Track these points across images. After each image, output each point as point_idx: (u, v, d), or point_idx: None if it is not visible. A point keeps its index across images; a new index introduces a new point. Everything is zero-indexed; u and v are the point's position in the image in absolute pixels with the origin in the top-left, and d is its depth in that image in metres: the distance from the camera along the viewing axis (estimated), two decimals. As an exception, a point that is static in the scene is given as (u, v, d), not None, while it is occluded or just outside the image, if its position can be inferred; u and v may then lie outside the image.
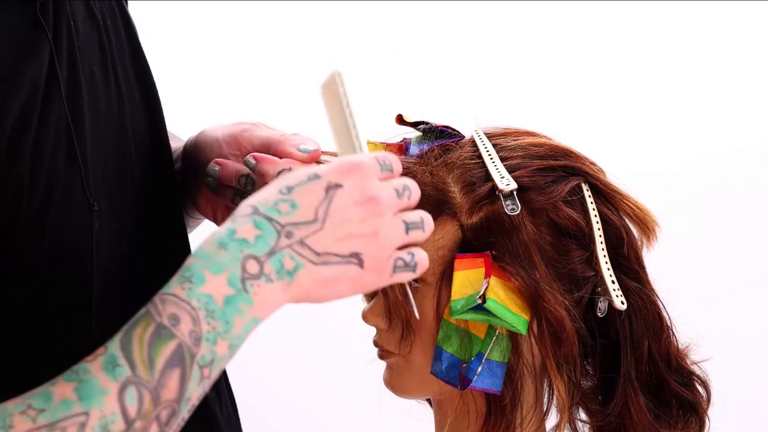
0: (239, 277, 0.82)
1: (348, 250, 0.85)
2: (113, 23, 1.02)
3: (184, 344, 0.80)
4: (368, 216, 0.85)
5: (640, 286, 1.05)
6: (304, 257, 0.84)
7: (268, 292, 0.83)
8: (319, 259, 0.84)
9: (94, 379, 0.79)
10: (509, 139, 1.06)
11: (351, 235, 0.85)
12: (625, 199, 1.06)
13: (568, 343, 0.99)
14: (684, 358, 1.07)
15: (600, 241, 1.03)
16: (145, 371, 0.79)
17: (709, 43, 2.12)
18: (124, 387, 0.79)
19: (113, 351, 0.80)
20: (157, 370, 0.80)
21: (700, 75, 2.12)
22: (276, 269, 0.83)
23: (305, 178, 0.86)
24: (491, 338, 0.99)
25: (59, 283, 0.91)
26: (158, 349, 0.80)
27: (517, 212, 0.99)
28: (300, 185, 0.86)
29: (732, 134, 2.12)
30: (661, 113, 2.12)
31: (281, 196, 0.85)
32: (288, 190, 0.85)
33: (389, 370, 1.07)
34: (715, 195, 2.09)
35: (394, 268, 0.87)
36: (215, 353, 0.81)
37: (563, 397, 1.00)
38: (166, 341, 0.80)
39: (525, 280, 0.98)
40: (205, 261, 0.83)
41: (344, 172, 0.86)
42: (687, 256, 1.95)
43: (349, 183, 0.86)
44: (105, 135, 0.96)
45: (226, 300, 0.82)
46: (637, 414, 1.02)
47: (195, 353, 0.80)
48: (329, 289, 0.86)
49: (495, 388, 0.99)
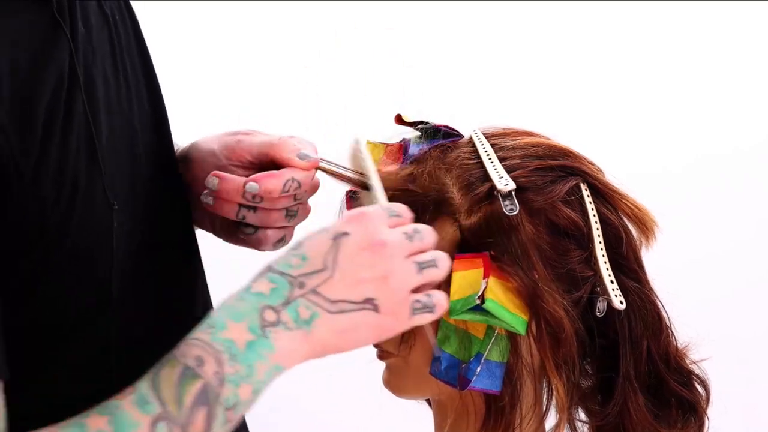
0: (258, 324, 0.86)
1: (361, 296, 0.88)
2: (122, 21, 1.02)
3: (209, 384, 0.83)
4: (377, 260, 0.89)
5: (639, 285, 1.05)
6: (318, 306, 0.87)
7: (288, 339, 0.86)
8: (334, 306, 0.88)
9: (127, 413, 0.82)
10: (507, 139, 1.06)
11: (362, 280, 0.88)
12: (623, 199, 1.06)
13: (567, 344, 0.99)
14: (683, 358, 1.07)
15: (599, 241, 1.03)
16: (174, 408, 0.82)
17: (709, 43, 2.12)
18: (155, 421, 0.82)
19: (143, 390, 0.83)
20: (186, 407, 0.83)
21: (700, 75, 2.12)
22: (293, 318, 0.87)
23: (314, 233, 0.90)
24: (490, 338, 0.99)
25: (82, 281, 0.92)
26: (185, 388, 0.83)
27: (516, 212, 0.99)
28: (309, 239, 0.90)
29: (732, 134, 2.12)
30: (661, 113, 2.12)
31: (292, 252, 0.89)
32: (298, 245, 0.89)
33: (388, 370, 1.07)
34: (715, 195, 2.09)
35: (413, 311, 0.90)
36: (238, 396, 0.84)
37: (562, 397, 1.00)
38: (192, 381, 0.83)
39: (523, 281, 0.98)
40: (225, 311, 0.87)
41: (350, 220, 0.90)
42: (686, 256, 1.95)
43: (356, 230, 0.89)
44: (118, 135, 0.97)
45: (248, 345, 0.85)
46: (637, 413, 1.02)
47: (219, 393, 0.84)
48: (349, 337, 0.89)
49: (494, 389, 0.99)
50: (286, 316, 0.86)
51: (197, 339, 0.85)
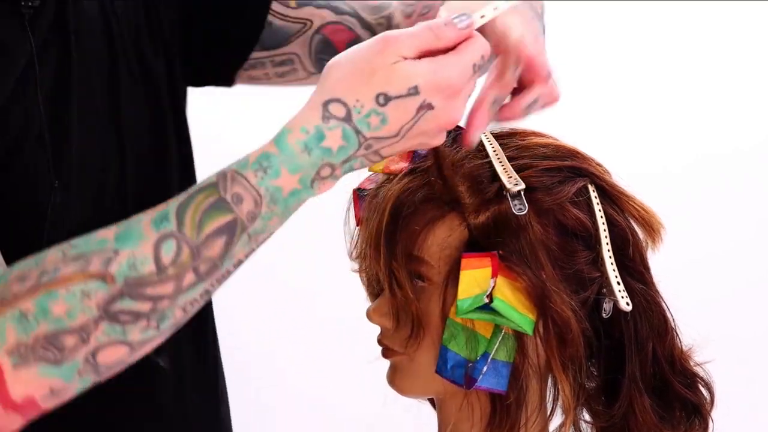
0: (311, 178, 0.86)
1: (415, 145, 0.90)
2: (128, 20, 1.05)
3: (239, 220, 0.84)
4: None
5: (645, 287, 1.04)
6: (370, 160, 0.89)
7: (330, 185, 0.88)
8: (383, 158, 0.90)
9: (138, 227, 0.83)
10: (516, 138, 1.06)
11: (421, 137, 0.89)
12: (630, 201, 1.06)
13: (574, 344, 0.99)
14: (687, 360, 1.07)
15: (606, 243, 1.03)
16: (191, 231, 0.83)
17: (710, 43, 2.12)
18: (163, 238, 0.83)
19: (169, 208, 0.84)
20: (204, 234, 0.84)
21: (701, 75, 2.12)
22: (344, 171, 0.88)
23: (404, 91, 0.86)
24: (497, 338, 0.99)
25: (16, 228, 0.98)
26: (212, 216, 0.84)
27: (525, 212, 0.99)
28: (397, 98, 0.86)
29: (732, 134, 2.12)
30: (661, 113, 2.12)
31: (376, 107, 0.86)
32: (385, 101, 0.86)
33: (393, 368, 1.07)
34: (715, 195, 2.09)
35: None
36: (266, 226, 0.86)
37: (569, 397, 1.00)
38: (223, 213, 0.84)
39: (532, 280, 0.98)
40: (285, 157, 0.85)
41: (439, 90, 0.87)
42: (687, 257, 1.95)
43: (442, 106, 0.88)
44: (95, 132, 1.03)
45: (292, 192, 0.86)
46: (642, 415, 1.02)
47: (247, 227, 0.84)
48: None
49: (500, 388, 0.99)
50: (340, 171, 0.87)
51: (244, 178, 0.85)
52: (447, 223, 1.00)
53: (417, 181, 1.02)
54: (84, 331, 0.81)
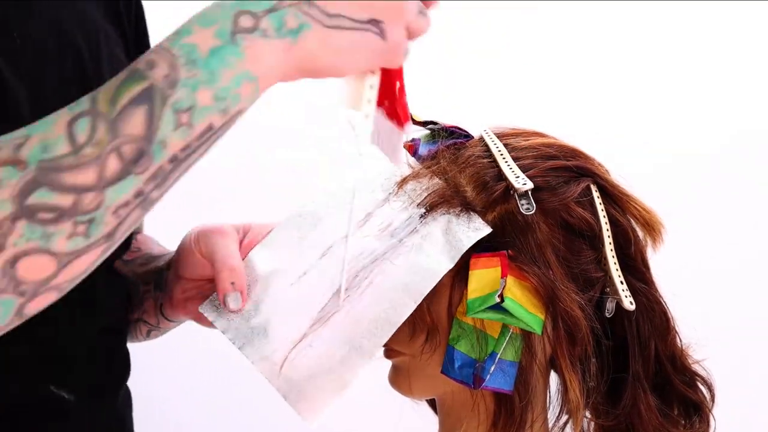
0: (229, 30, 0.77)
1: (367, 16, 0.79)
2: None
3: (155, 86, 0.75)
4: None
5: (646, 286, 1.05)
6: (311, 17, 0.78)
7: (264, 47, 0.77)
8: (331, 20, 0.79)
9: (53, 115, 0.75)
10: (519, 139, 1.06)
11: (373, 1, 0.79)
12: (631, 201, 1.07)
13: (583, 342, 0.99)
14: (687, 358, 1.08)
15: (609, 242, 1.03)
16: (106, 106, 0.74)
17: (710, 43, 2.11)
18: (76, 117, 0.74)
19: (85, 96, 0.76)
20: (120, 105, 0.74)
21: (701, 75, 2.11)
22: (275, 26, 0.78)
23: None
24: (505, 338, 0.99)
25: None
26: (126, 87, 0.75)
27: (532, 212, 0.99)
28: None
29: (732, 134, 2.11)
30: (661, 113, 2.11)
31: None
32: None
33: (396, 369, 1.06)
34: (715, 195, 2.08)
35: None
36: (195, 100, 0.76)
37: (577, 396, 1.00)
38: (136, 82, 0.75)
39: (541, 280, 0.98)
40: (197, 17, 0.78)
41: None
42: (687, 257, 1.94)
43: None
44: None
45: (211, 51, 0.76)
46: (647, 414, 1.03)
47: (168, 95, 0.75)
48: (346, 58, 0.80)
49: (507, 388, 0.99)
50: (267, 24, 0.77)
51: (158, 46, 0.77)
52: (453, 223, 1.00)
53: (424, 182, 1.03)
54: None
